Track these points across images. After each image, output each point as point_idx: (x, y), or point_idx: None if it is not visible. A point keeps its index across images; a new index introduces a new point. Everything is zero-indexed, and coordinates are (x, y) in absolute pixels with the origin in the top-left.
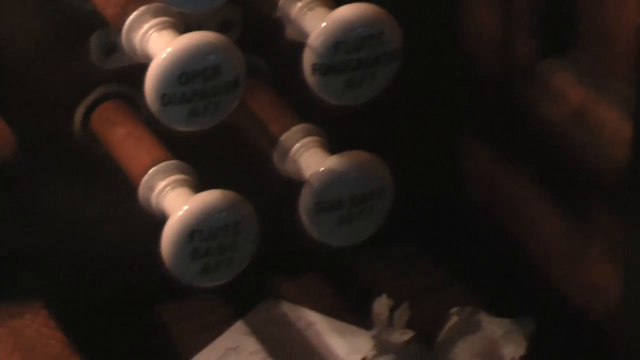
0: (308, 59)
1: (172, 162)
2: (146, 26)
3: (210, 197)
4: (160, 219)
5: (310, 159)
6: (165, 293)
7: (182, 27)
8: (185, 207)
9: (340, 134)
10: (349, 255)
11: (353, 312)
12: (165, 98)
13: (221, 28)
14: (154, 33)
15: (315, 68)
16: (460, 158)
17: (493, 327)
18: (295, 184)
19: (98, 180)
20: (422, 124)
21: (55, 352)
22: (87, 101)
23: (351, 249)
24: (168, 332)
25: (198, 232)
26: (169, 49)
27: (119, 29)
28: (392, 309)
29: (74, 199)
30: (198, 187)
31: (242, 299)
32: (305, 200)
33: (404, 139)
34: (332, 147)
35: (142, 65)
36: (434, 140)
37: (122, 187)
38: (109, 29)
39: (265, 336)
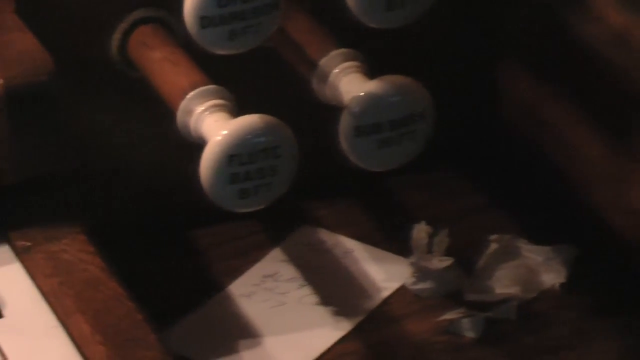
0: None
1: (210, 87)
2: None
3: (248, 121)
4: (198, 143)
5: (350, 84)
6: (203, 218)
7: None
8: (224, 132)
9: (379, 59)
10: (388, 180)
11: (391, 238)
12: (205, 20)
13: None
14: None
15: None
16: (501, 82)
17: (532, 254)
18: (334, 109)
19: (135, 104)
20: (463, 47)
21: (92, 276)
22: (124, 25)
23: (390, 174)
24: (205, 257)
25: (237, 157)
26: None
27: None
28: (431, 236)
29: (111, 123)
30: (236, 111)
31: (279, 225)
32: (344, 125)
33: (444, 63)
34: (370, 71)
35: None
36: (474, 64)
37: (159, 111)
38: None
39: (303, 263)
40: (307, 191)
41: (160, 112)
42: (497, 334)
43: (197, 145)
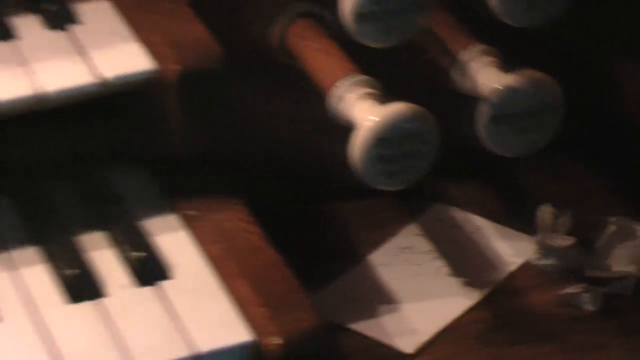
0: None
1: (361, 77)
2: None
3: (397, 108)
4: (346, 126)
5: (487, 76)
6: (346, 193)
7: None
8: (375, 118)
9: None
10: (513, 163)
11: (516, 217)
12: (361, 16)
13: None
14: None
15: None
16: (616, 67)
17: None
18: (466, 97)
19: (287, 89)
20: (576, 34)
21: (253, 244)
22: (284, 19)
23: (516, 158)
24: (346, 229)
25: (385, 141)
26: None
27: None
28: (555, 216)
29: (271, 107)
30: (384, 100)
31: (414, 203)
32: (482, 114)
33: (560, 50)
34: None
35: None
36: (589, 50)
37: (312, 98)
38: None
39: (436, 238)
40: (440, 172)
41: (315, 98)
42: (614, 307)
43: (346, 127)
